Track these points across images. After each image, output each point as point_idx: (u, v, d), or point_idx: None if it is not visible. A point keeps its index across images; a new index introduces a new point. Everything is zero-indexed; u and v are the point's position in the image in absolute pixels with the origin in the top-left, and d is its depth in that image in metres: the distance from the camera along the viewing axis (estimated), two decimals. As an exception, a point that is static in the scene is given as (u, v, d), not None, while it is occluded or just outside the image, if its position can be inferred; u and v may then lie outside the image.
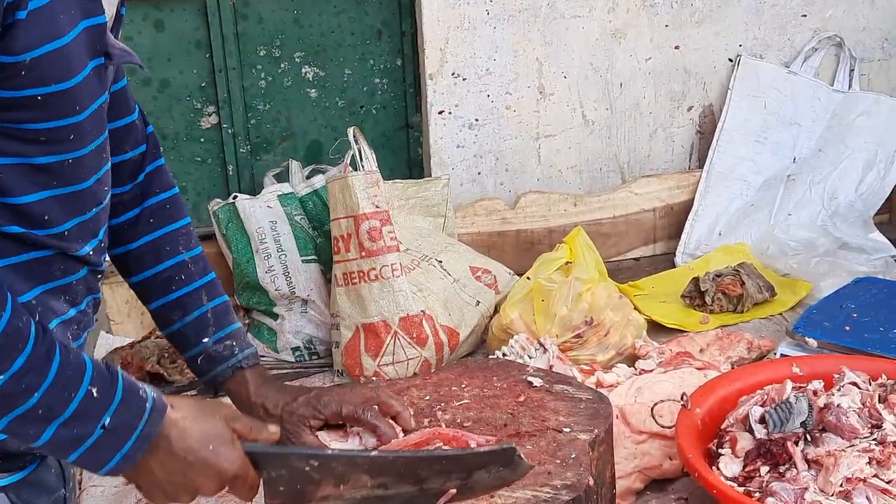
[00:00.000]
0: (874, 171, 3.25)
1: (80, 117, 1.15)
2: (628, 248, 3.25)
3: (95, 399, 1.15)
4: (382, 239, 2.45)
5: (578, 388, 1.77)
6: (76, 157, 1.17)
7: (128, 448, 1.18)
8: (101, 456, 1.18)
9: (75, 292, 1.27)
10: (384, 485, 1.33)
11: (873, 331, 2.33)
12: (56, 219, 1.19)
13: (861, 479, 1.67)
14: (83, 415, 1.15)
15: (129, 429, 1.18)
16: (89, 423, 1.15)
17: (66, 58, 1.10)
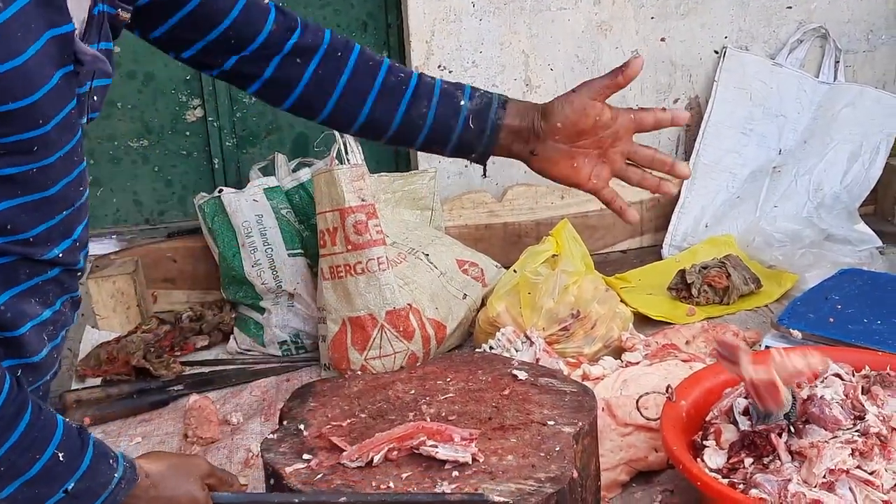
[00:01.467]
0: (859, 162, 3.26)
1: (45, 129, 1.14)
2: (615, 241, 3.26)
3: (62, 463, 1.17)
4: (369, 232, 2.45)
5: (563, 382, 1.78)
6: (41, 165, 1.16)
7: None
8: None
9: (46, 293, 1.26)
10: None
11: (857, 322, 2.34)
12: (21, 226, 1.18)
13: (844, 471, 1.68)
14: (46, 477, 1.16)
15: (92, 496, 1.20)
16: (52, 485, 1.17)
17: (26, 75, 1.09)
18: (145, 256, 2.92)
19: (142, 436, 2.34)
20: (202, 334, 2.76)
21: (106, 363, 2.56)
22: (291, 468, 1.52)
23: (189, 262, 2.93)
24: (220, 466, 2.17)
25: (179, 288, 2.94)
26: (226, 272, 2.73)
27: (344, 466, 1.51)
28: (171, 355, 2.63)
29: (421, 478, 1.49)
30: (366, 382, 1.80)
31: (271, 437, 1.63)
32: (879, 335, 2.26)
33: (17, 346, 1.23)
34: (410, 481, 1.48)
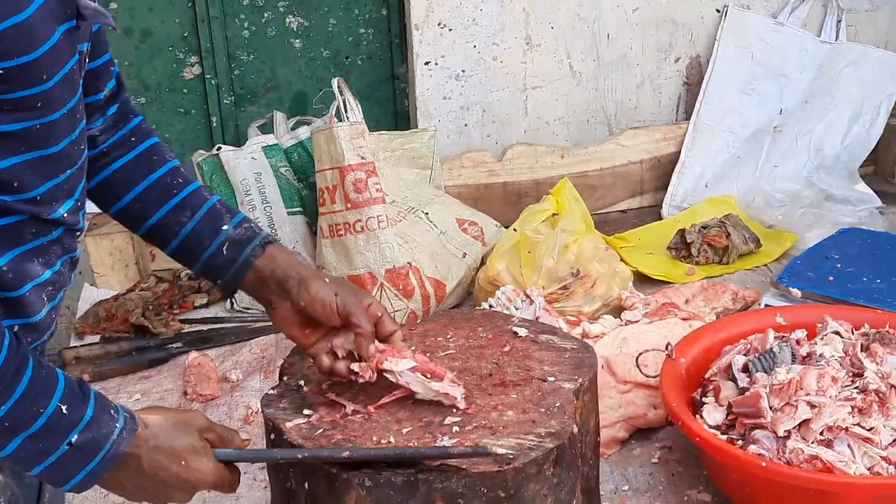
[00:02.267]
0: (860, 122, 3.24)
1: (48, 85, 1.13)
2: (615, 201, 3.25)
3: (65, 415, 1.17)
4: (368, 190, 2.44)
5: (563, 338, 1.77)
6: (46, 122, 1.16)
7: (93, 466, 1.20)
8: (66, 472, 1.19)
9: (49, 253, 1.26)
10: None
11: (857, 281, 2.34)
12: (27, 184, 1.18)
13: (843, 428, 1.69)
14: (50, 430, 1.16)
15: (96, 447, 1.20)
16: (56, 438, 1.17)
17: (28, 31, 1.08)
18: (144, 215, 2.90)
19: (141, 393, 2.34)
20: (201, 292, 2.75)
21: (104, 321, 2.56)
22: (292, 423, 1.52)
23: (188, 220, 2.92)
24: (220, 423, 2.18)
25: (178, 246, 2.93)
26: (224, 230, 2.72)
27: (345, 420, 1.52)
28: (170, 313, 2.63)
29: (421, 433, 1.49)
30: (366, 339, 1.79)
31: (271, 392, 1.62)
32: (879, 293, 2.27)
33: (17, 307, 1.24)
34: (411, 436, 1.48)
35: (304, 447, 1.44)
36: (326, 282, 1.45)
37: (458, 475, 1.41)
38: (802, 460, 1.66)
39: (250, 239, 1.45)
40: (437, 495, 1.41)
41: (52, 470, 1.19)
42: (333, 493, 1.43)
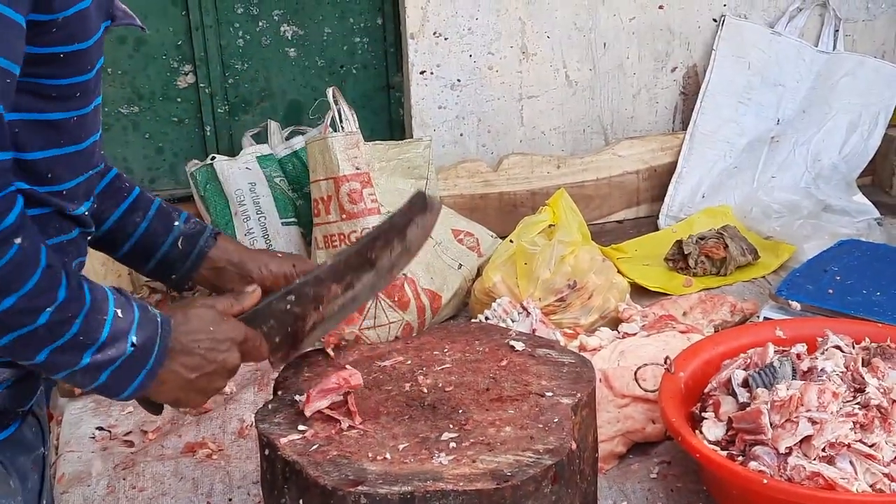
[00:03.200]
0: (858, 132, 3.23)
1: (90, 75, 1.20)
2: (611, 211, 3.23)
3: (120, 318, 1.20)
4: (363, 201, 2.42)
5: (561, 352, 1.75)
6: (81, 114, 1.22)
7: (152, 362, 1.24)
8: (129, 375, 1.23)
9: (67, 253, 1.29)
10: (350, 284, 1.45)
11: (856, 294, 2.32)
12: (59, 176, 1.22)
13: (845, 444, 1.67)
14: (115, 336, 1.20)
15: (151, 343, 1.24)
16: (120, 343, 1.20)
17: (89, 18, 1.16)
18: (136, 224, 2.88)
19: (133, 405, 2.31)
20: (194, 303, 2.72)
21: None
22: (287, 439, 1.50)
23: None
24: (212, 436, 2.17)
25: (171, 256, 2.90)
26: (218, 241, 2.69)
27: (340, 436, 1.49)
28: (163, 324, 2.60)
29: (418, 449, 1.47)
30: (361, 353, 1.77)
31: (266, 407, 1.60)
32: (879, 306, 2.25)
33: None
34: (407, 452, 1.46)
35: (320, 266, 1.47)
36: (280, 257, 1.54)
37: (456, 493, 1.38)
38: (804, 477, 1.64)
39: (201, 232, 1.51)
40: (434, 513, 1.39)
41: (116, 377, 1.21)
42: (328, 510, 1.41)
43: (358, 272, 1.47)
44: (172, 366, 1.27)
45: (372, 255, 1.48)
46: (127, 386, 1.23)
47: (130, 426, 2.26)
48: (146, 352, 1.23)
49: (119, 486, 2.03)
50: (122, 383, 1.23)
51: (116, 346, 1.20)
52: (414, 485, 1.39)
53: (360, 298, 1.48)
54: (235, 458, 2.09)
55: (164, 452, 2.13)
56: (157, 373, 1.25)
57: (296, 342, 1.43)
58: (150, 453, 2.13)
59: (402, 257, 1.52)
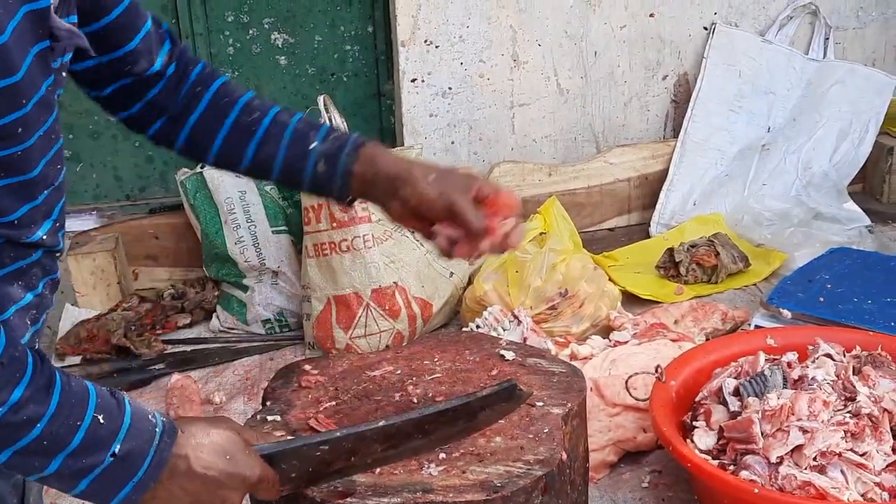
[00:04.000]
0: (848, 140, 3.24)
1: (26, 109, 1.10)
2: (603, 219, 3.23)
3: (103, 426, 1.11)
4: (354, 209, 2.41)
5: (551, 362, 1.75)
6: (25, 147, 1.12)
7: (141, 475, 1.14)
8: (113, 486, 1.13)
9: (30, 276, 1.22)
10: (393, 446, 1.35)
11: (847, 302, 2.32)
12: (5, 208, 1.14)
13: (836, 454, 1.66)
14: (91, 444, 1.11)
15: (140, 455, 1.14)
16: (98, 452, 1.11)
17: (7, 54, 1.05)
18: (126, 233, 2.87)
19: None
20: (184, 312, 2.72)
21: (86, 341, 2.52)
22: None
23: (171, 238, 2.88)
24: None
25: (161, 265, 2.90)
26: (208, 249, 2.68)
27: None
28: (153, 334, 2.59)
29: (408, 461, 1.46)
30: (351, 362, 1.76)
31: (255, 418, 1.59)
32: (870, 314, 2.25)
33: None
34: (397, 464, 1.45)
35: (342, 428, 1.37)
36: (430, 180, 1.37)
37: (446, 504, 1.37)
38: (795, 486, 1.64)
39: (341, 148, 1.39)
40: (425, 524, 1.38)
41: (99, 485, 1.13)
42: (317, 522, 1.40)
43: (408, 438, 1.37)
44: (170, 485, 1.17)
45: (429, 428, 1.37)
46: (111, 497, 1.14)
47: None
48: (132, 464, 1.13)
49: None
50: (106, 493, 1.14)
51: (94, 454, 1.10)
52: (403, 496, 1.38)
53: (399, 457, 1.38)
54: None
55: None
56: (148, 486, 1.15)
57: (312, 481, 1.34)
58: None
59: (463, 433, 1.42)
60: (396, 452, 1.36)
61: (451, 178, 1.39)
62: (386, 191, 1.39)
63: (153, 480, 1.15)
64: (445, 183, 1.37)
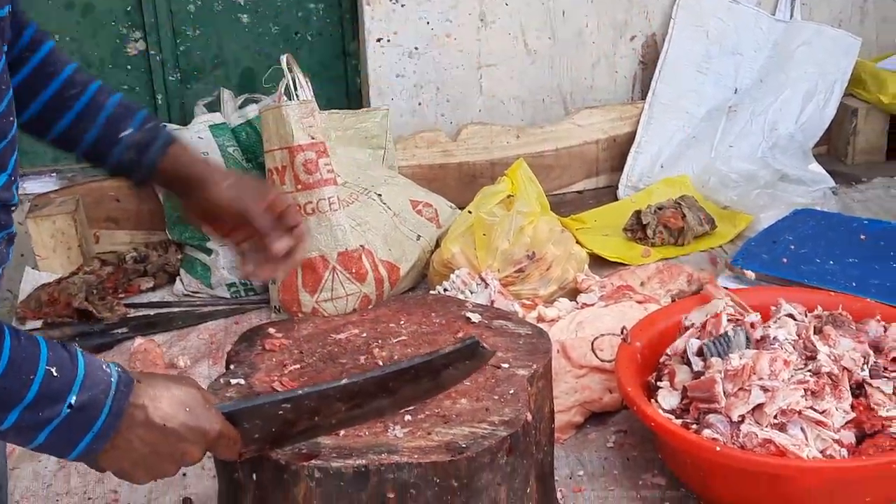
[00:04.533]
0: (814, 102, 3.25)
1: None
2: (571, 181, 3.23)
3: (56, 378, 1.11)
4: (319, 171, 2.39)
5: (517, 324, 1.75)
6: None
7: (100, 425, 1.14)
8: (72, 437, 1.13)
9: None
10: (358, 405, 1.35)
11: (810, 262, 2.34)
12: None
13: (796, 411, 1.68)
14: (46, 397, 1.10)
15: (97, 405, 1.14)
16: (54, 404, 1.11)
17: None
18: (87, 195, 2.83)
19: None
20: (147, 276, 2.69)
21: (47, 305, 2.48)
22: (239, 413, 1.48)
23: (132, 201, 2.85)
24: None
25: (123, 228, 2.86)
26: (170, 212, 2.65)
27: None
28: (115, 297, 2.56)
29: (373, 422, 1.46)
30: (316, 325, 1.75)
31: (218, 381, 1.58)
32: (832, 275, 2.27)
33: None
34: (362, 425, 1.45)
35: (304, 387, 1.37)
36: (226, 185, 1.46)
37: (410, 465, 1.38)
38: (756, 444, 1.66)
39: (152, 141, 1.44)
40: (389, 486, 1.38)
41: (58, 437, 1.13)
42: (282, 484, 1.40)
43: (372, 397, 1.37)
44: (129, 434, 1.17)
45: (393, 386, 1.38)
46: (71, 448, 1.14)
47: (83, 401, 2.22)
48: (89, 414, 1.13)
49: (70, 462, 1.99)
50: (65, 445, 1.14)
51: (50, 406, 1.11)
52: (368, 458, 1.38)
53: (364, 418, 1.38)
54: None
55: (118, 427, 2.10)
56: (107, 436, 1.15)
57: (276, 443, 1.34)
58: (103, 428, 2.10)
59: (428, 393, 1.42)
60: (361, 412, 1.36)
61: (246, 185, 1.47)
62: (185, 190, 1.46)
63: (112, 430, 1.15)
64: (240, 189, 1.46)
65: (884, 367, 1.82)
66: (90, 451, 1.15)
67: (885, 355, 1.84)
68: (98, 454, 1.16)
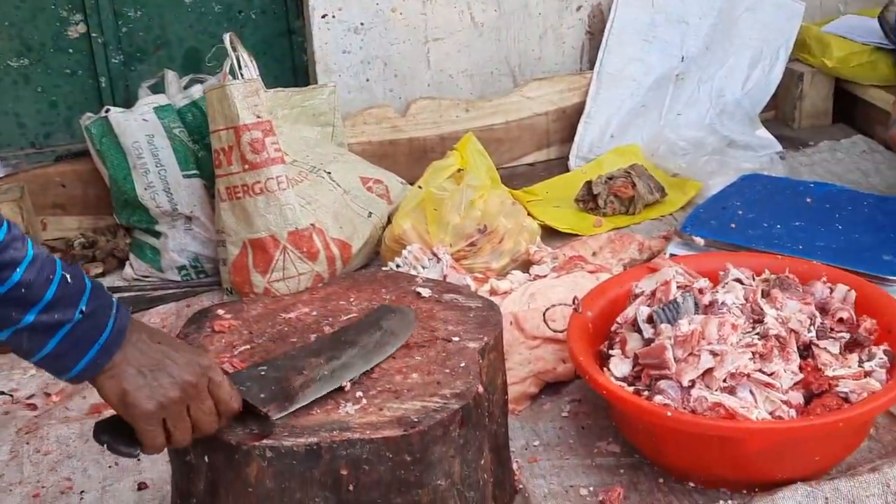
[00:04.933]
0: (760, 67, 3.27)
1: None
2: (522, 154, 3.23)
3: (70, 284, 1.18)
4: (266, 150, 2.37)
5: (468, 297, 1.75)
6: None
7: (105, 337, 1.20)
8: (79, 346, 1.19)
9: None
10: (332, 357, 1.47)
11: (758, 227, 2.36)
12: None
13: (745, 374, 1.70)
14: (63, 299, 1.17)
15: (104, 317, 1.21)
16: (68, 308, 1.17)
17: None
18: (32, 182, 2.78)
19: (36, 368, 2.25)
20: (96, 261, 2.66)
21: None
22: (189, 396, 1.47)
23: (79, 186, 2.80)
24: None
25: (70, 214, 2.81)
26: (117, 196, 2.62)
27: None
28: (64, 284, 2.53)
29: (324, 400, 1.46)
30: (265, 305, 1.74)
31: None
32: (779, 239, 2.29)
33: None
34: (313, 403, 1.45)
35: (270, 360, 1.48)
36: None
37: (363, 441, 1.38)
38: (706, 408, 1.68)
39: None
40: (342, 463, 1.38)
41: (66, 344, 1.18)
42: (234, 465, 1.39)
43: (336, 350, 1.49)
44: (131, 354, 1.23)
45: (346, 338, 1.52)
46: (76, 360, 1.19)
47: (33, 389, 2.20)
48: (98, 323, 1.20)
49: (23, 451, 1.97)
50: (72, 355, 1.19)
51: (64, 310, 1.17)
52: (320, 436, 1.38)
53: (353, 367, 1.48)
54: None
55: (69, 415, 2.08)
56: (111, 351, 1.21)
57: (287, 397, 1.40)
58: (55, 416, 2.07)
59: (386, 338, 1.55)
60: (344, 363, 1.47)
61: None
62: None
63: (116, 346, 1.22)
64: None
65: (830, 328, 1.85)
66: (93, 366, 1.21)
67: (832, 316, 1.87)
68: (99, 373, 1.22)
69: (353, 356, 1.49)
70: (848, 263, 2.09)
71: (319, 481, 1.38)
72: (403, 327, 1.59)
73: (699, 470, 1.76)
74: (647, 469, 1.83)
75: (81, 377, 1.22)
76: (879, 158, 3.08)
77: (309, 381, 1.43)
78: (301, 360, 1.46)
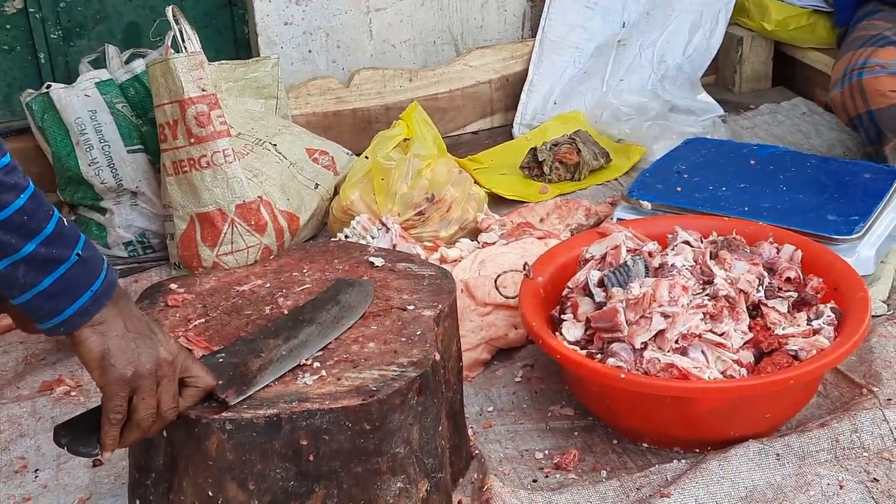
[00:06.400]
0: (700, 32, 3.30)
1: None
2: (466, 122, 3.23)
3: (67, 227, 1.19)
4: (212, 124, 2.34)
5: (421, 265, 1.76)
6: None
7: (98, 286, 1.21)
8: (73, 288, 1.19)
9: None
10: (290, 337, 1.49)
11: (703, 190, 2.40)
12: None
13: (696, 335, 1.73)
14: (61, 236, 1.18)
15: (97, 267, 1.23)
16: (66, 247, 1.19)
17: None
18: (-30, 161, 2.71)
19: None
20: (40, 240, 2.60)
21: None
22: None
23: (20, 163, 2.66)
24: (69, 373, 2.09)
25: (11, 192, 2.75)
26: (61, 173, 2.56)
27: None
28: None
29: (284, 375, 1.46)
30: (218, 279, 1.73)
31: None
32: (725, 201, 2.33)
33: None
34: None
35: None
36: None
37: (322, 412, 1.38)
38: (659, 369, 1.71)
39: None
40: (302, 434, 1.39)
41: (61, 284, 1.18)
42: (194, 438, 1.39)
43: (294, 329, 1.51)
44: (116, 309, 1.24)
45: (304, 317, 1.54)
46: (69, 302, 1.19)
47: (-19, 370, 2.16)
48: (91, 272, 1.21)
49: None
50: (65, 298, 1.19)
51: (62, 248, 1.18)
52: (279, 407, 1.38)
53: (311, 345, 1.50)
54: (95, 392, 2.02)
55: (21, 393, 2.05)
56: (102, 302, 1.22)
57: (245, 382, 1.40)
58: (6, 395, 2.05)
59: (343, 312, 1.57)
60: (301, 341, 1.49)
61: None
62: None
63: (106, 298, 1.23)
64: None
65: (778, 288, 1.89)
66: (83, 313, 1.20)
67: (779, 276, 1.91)
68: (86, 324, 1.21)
69: (310, 334, 1.51)
70: (793, 224, 2.13)
71: (280, 452, 1.38)
72: (361, 300, 1.60)
73: (652, 430, 1.79)
74: (601, 431, 1.86)
75: (70, 323, 1.21)
76: (819, 120, 3.14)
77: (267, 364, 1.44)
78: (259, 342, 1.48)
